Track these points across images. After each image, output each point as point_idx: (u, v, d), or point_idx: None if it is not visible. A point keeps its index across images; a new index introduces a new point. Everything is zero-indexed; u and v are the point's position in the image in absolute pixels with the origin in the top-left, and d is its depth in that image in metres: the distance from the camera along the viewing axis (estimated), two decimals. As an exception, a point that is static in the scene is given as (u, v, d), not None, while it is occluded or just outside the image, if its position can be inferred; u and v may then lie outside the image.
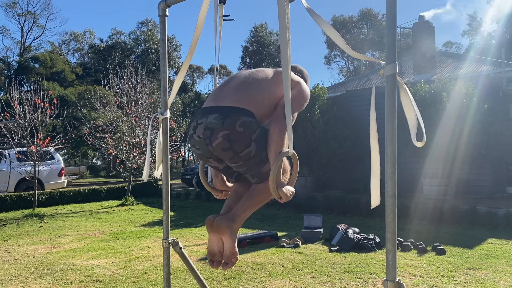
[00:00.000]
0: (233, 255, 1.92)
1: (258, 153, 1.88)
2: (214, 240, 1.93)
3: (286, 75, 1.83)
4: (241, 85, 1.98)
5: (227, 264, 1.94)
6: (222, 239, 1.95)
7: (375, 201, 1.68)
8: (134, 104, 12.59)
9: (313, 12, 1.79)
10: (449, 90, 9.97)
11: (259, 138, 1.87)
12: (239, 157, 1.87)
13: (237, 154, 1.86)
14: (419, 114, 1.64)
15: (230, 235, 1.92)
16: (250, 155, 1.87)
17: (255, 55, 42.16)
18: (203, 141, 1.89)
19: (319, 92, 12.60)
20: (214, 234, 1.93)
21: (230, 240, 1.93)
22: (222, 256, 1.94)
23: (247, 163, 1.89)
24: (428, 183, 10.44)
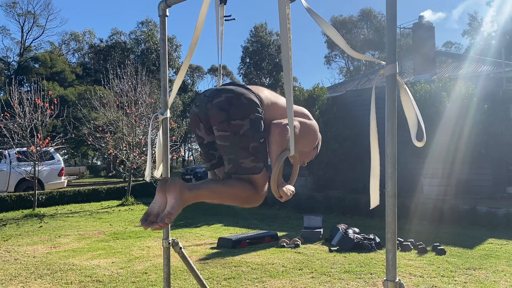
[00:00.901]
0: (167, 216, 1.70)
1: (248, 136, 1.80)
2: (158, 200, 1.74)
3: (287, 75, 1.83)
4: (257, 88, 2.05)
5: (154, 223, 1.69)
6: (166, 202, 1.75)
7: (374, 201, 1.68)
8: (134, 104, 12.59)
9: (313, 12, 1.79)
10: (449, 90, 9.97)
11: (256, 124, 1.83)
12: (229, 126, 1.79)
13: (229, 120, 1.80)
14: (419, 114, 1.64)
15: (176, 199, 1.72)
16: (240, 130, 1.80)
17: (255, 55, 42.15)
18: (206, 99, 1.88)
19: (319, 92, 12.60)
20: (161, 194, 1.74)
21: (175, 204, 1.72)
22: (156, 218, 1.72)
23: (233, 138, 1.80)
24: (428, 183, 10.44)
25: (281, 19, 1.81)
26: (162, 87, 2.58)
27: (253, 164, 1.82)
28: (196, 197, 1.78)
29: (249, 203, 1.89)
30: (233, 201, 1.85)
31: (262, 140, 1.86)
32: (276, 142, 1.86)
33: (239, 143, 1.81)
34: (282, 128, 1.87)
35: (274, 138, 1.87)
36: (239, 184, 1.81)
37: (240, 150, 1.81)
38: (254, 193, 1.84)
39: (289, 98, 1.83)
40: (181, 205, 1.74)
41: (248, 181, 1.82)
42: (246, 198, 1.84)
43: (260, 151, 1.85)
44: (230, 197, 1.84)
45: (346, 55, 42.06)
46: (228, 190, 1.82)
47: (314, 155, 2.22)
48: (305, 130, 2.00)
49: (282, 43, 1.83)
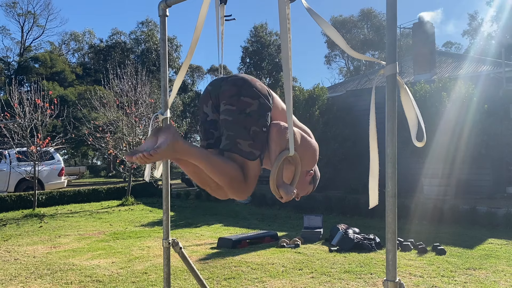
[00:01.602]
0: (154, 149, 1.62)
1: (252, 118, 1.81)
2: (149, 141, 1.68)
3: (286, 75, 1.84)
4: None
5: (137, 153, 1.61)
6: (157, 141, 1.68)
7: (373, 201, 1.68)
8: (134, 104, 12.59)
9: (313, 12, 1.79)
10: (449, 90, 9.98)
11: (263, 109, 1.86)
12: (238, 101, 1.82)
13: (240, 95, 1.83)
14: (419, 114, 1.64)
15: (167, 140, 1.64)
16: (247, 108, 1.82)
17: (255, 55, 42.13)
18: (221, 79, 1.95)
19: (319, 92, 12.60)
20: (153, 138, 1.68)
21: (164, 143, 1.63)
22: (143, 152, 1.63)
23: (238, 115, 1.81)
24: (428, 183, 10.44)
25: (281, 19, 1.81)
26: (162, 87, 2.58)
27: (249, 149, 1.80)
28: (187, 151, 1.70)
29: (233, 189, 1.80)
30: (220, 176, 1.75)
31: (264, 129, 1.85)
32: (275, 141, 1.86)
33: (242, 121, 1.81)
34: (280, 127, 1.88)
35: (272, 137, 1.87)
36: (231, 163, 1.78)
37: (241, 129, 1.80)
38: (242, 179, 1.79)
39: (288, 98, 1.83)
40: (171, 147, 1.64)
41: (240, 165, 1.79)
42: (233, 179, 1.76)
43: (260, 139, 1.84)
44: (218, 170, 1.74)
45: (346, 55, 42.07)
46: (219, 162, 1.75)
47: (310, 190, 2.15)
48: (304, 144, 1.97)
49: (282, 43, 1.83)
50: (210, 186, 1.89)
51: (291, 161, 1.94)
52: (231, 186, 1.79)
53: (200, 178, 1.88)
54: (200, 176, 1.87)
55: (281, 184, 1.89)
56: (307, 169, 2.10)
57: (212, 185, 1.89)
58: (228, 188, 1.80)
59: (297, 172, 1.96)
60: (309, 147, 2.01)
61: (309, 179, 2.11)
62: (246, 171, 1.81)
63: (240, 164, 1.80)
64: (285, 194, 1.87)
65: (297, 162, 1.94)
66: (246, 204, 11.40)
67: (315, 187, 2.18)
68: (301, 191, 2.11)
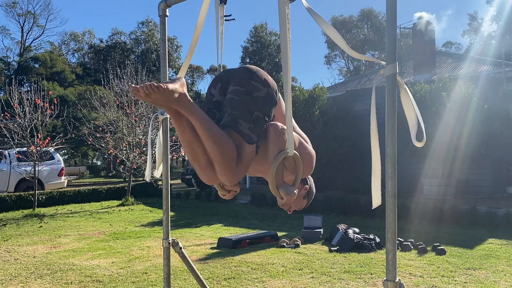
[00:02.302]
0: (163, 84, 1.61)
1: (258, 103, 1.83)
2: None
3: (286, 75, 1.84)
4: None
5: (143, 86, 1.60)
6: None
7: (376, 201, 1.68)
8: (134, 104, 12.59)
9: (313, 12, 1.79)
10: (449, 90, 9.98)
11: (270, 98, 1.88)
12: (248, 83, 1.84)
13: (251, 79, 1.86)
14: (419, 114, 1.64)
15: (174, 84, 1.65)
16: (255, 92, 1.84)
17: (255, 55, 42.15)
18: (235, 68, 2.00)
19: (319, 92, 12.60)
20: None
21: (171, 84, 1.64)
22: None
23: (245, 96, 1.82)
24: (428, 183, 10.44)
25: (281, 19, 1.81)
26: (162, 87, 2.57)
27: (248, 132, 1.80)
28: (190, 106, 1.69)
29: (224, 164, 1.74)
30: (215, 146, 1.71)
31: (266, 118, 1.86)
32: (273, 141, 1.86)
33: (248, 103, 1.82)
34: (278, 127, 1.88)
35: (271, 137, 1.87)
36: (229, 138, 1.75)
37: (245, 110, 1.81)
38: (234, 157, 1.75)
39: (288, 98, 1.83)
40: (174, 92, 1.64)
41: (237, 145, 1.78)
42: (226, 153, 1.73)
43: (260, 126, 1.84)
44: (214, 137, 1.71)
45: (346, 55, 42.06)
46: (217, 130, 1.72)
47: (303, 205, 2.11)
48: (301, 150, 1.97)
49: (281, 43, 1.83)
50: (200, 162, 1.82)
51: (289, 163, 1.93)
52: (222, 161, 1.74)
53: (191, 150, 1.82)
54: (193, 148, 1.81)
55: (282, 185, 1.88)
56: (306, 173, 2.08)
57: (202, 160, 1.81)
58: (218, 163, 1.74)
59: (298, 173, 1.95)
60: (306, 154, 2.00)
61: (303, 194, 2.06)
62: (241, 153, 1.78)
63: (237, 144, 1.78)
64: (285, 195, 1.85)
65: (298, 163, 1.93)
66: (246, 204, 11.40)
67: (309, 202, 2.14)
68: (294, 205, 2.07)
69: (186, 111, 1.70)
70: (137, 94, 1.61)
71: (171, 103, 1.67)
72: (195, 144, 1.79)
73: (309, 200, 2.12)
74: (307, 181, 2.11)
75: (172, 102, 1.67)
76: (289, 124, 1.83)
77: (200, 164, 1.84)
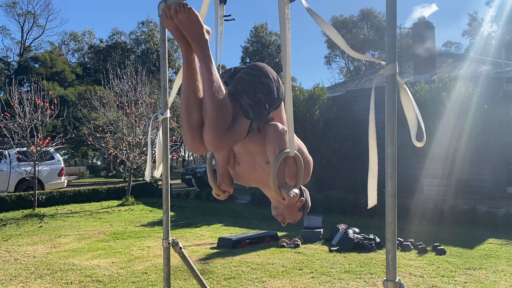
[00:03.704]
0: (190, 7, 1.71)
1: (263, 88, 1.85)
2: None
3: (286, 75, 1.84)
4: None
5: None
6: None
7: (372, 201, 1.67)
8: (134, 104, 12.59)
9: (313, 12, 1.79)
10: (449, 90, 9.98)
11: (274, 90, 1.89)
12: (260, 70, 1.89)
13: (263, 68, 1.90)
14: (419, 114, 1.64)
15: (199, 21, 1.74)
16: (262, 78, 1.87)
17: (255, 55, 42.17)
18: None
19: (319, 92, 12.60)
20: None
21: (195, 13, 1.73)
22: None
23: (253, 78, 1.86)
24: (428, 183, 10.44)
25: (281, 19, 1.81)
26: (162, 87, 2.58)
27: (247, 107, 1.78)
28: (206, 50, 1.75)
29: (213, 121, 1.70)
30: (213, 100, 1.69)
31: (267, 106, 1.86)
32: (273, 141, 1.85)
33: (254, 84, 1.83)
34: (278, 127, 1.87)
35: (271, 137, 1.86)
36: (229, 101, 1.73)
37: (250, 88, 1.82)
38: (226, 121, 1.72)
39: (288, 98, 1.83)
40: (201, 24, 1.75)
41: (234, 113, 1.75)
42: (221, 112, 1.69)
43: (260, 108, 1.83)
44: (216, 93, 1.70)
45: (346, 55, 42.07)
46: (221, 90, 1.72)
47: (298, 218, 2.09)
48: (300, 155, 1.96)
49: (282, 43, 1.83)
50: (191, 120, 1.77)
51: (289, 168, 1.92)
52: (215, 119, 1.69)
53: (188, 104, 1.78)
54: (190, 102, 1.77)
55: (283, 185, 1.85)
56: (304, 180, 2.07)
57: (194, 119, 1.77)
58: (210, 120, 1.70)
59: (300, 174, 1.94)
60: (304, 158, 2.00)
61: (299, 206, 2.04)
62: (234, 122, 1.75)
63: (233, 113, 1.75)
64: (287, 195, 1.82)
65: (299, 164, 1.92)
66: (246, 204, 11.40)
67: (304, 215, 2.12)
68: (289, 217, 2.05)
69: (201, 52, 1.74)
70: (166, 14, 1.69)
71: (194, 33, 1.72)
72: (195, 98, 1.77)
73: (304, 213, 2.10)
74: (303, 194, 2.09)
75: (195, 32, 1.72)
76: (290, 124, 1.83)
77: (190, 123, 1.78)
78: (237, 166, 2.07)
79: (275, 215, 2.06)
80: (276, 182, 1.82)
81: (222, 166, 2.11)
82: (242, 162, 2.05)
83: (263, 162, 1.95)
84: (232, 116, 1.74)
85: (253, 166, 2.00)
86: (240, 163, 2.06)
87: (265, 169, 1.95)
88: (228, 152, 2.06)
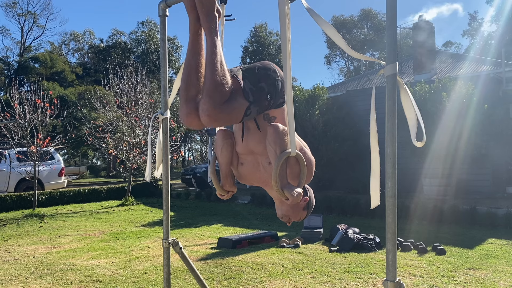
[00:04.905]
0: None
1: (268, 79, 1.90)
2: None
3: (286, 75, 1.84)
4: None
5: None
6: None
7: (374, 201, 1.68)
8: (134, 104, 12.59)
9: (313, 12, 1.79)
10: (449, 90, 9.97)
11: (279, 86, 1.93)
12: (268, 66, 1.96)
13: (271, 65, 1.97)
14: (419, 114, 1.64)
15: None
16: (270, 71, 1.93)
17: (255, 55, 42.14)
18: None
19: (319, 92, 12.60)
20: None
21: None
22: None
23: (260, 69, 1.93)
24: (428, 183, 10.44)
25: (281, 19, 1.81)
26: (162, 87, 2.58)
27: (249, 91, 1.81)
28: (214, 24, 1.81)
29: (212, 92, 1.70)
30: (214, 72, 1.71)
31: (268, 97, 1.88)
32: (274, 141, 1.84)
33: (260, 74, 1.90)
34: (279, 127, 1.86)
35: (272, 137, 1.85)
36: (230, 79, 1.76)
37: (255, 77, 1.88)
38: (224, 94, 1.71)
39: (289, 98, 1.83)
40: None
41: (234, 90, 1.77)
42: (219, 85, 1.70)
43: (261, 96, 1.85)
44: (219, 66, 1.73)
45: (346, 55, 42.06)
46: (223, 65, 1.75)
47: (302, 217, 2.09)
48: (302, 155, 1.96)
49: (282, 43, 1.83)
50: (189, 92, 1.79)
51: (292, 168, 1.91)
52: (213, 90, 1.70)
53: (189, 76, 1.80)
54: (190, 73, 1.80)
55: (286, 185, 1.85)
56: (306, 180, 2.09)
57: (192, 92, 1.78)
58: (208, 90, 1.70)
59: (303, 173, 1.94)
60: (307, 159, 1.99)
61: (303, 205, 2.04)
62: (232, 98, 1.75)
63: (234, 90, 1.76)
64: (290, 195, 1.82)
65: (302, 163, 1.92)
66: (246, 204, 11.40)
67: (309, 213, 2.12)
68: (293, 216, 2.05)
69: (209, 26, 1.78)
70: None
71: (206, 5, 1.77)
72: (196, 71, 1.79)
73: (308, 212, 2.10)
74: (307, 192, 2.09)
75: (207, 4, 1.77)
76: (291, 124, 1.83)
77: (187, 95, 1.79)
78: (241, 166, 2.07)
79: (280, 216, 2.05)
80: (278, 182, 1.82)
81: (225, 166, 2.11)
82: (245, 163, 2.05)
83: (266, 163, 1.95)
84: (232, 95, 1.75)
85: (256, 166, 2.01)
86: (243, 163, 2.06)
87: (268, 170, 1.95)
88: (231, 152, 2.06)
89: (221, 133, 2.08)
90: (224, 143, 2.05)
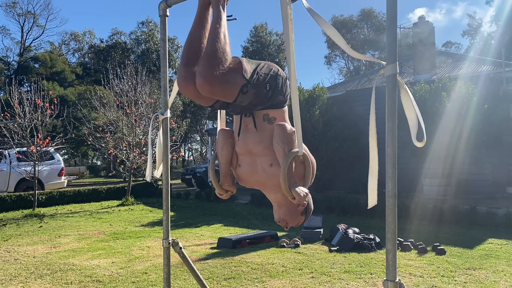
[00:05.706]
0: None
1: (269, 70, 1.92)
2: None
3: (291, 74, 1.84)
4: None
5: None
6: None
7: (372, 201, 1.68)
8: (134, 104, 12.59)
9: (314, 12, 1.79)
10: (449, 90, 9.97)
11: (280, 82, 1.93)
12: (271, 64, 1.97)
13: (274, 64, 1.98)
14: (419, 114, 1.64)
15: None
16: (272, 67, 1.94)
17: (255, 55, 42.11)
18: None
19: (319, 92, 12.60)
20: None
21: None
22: None
23: (263, 63, 1.95)
24: (428, 183, 10.44)
25: (284, 19, 1.82)
26: (162, 87, 2.58)
27: (247, 70, 1.81)
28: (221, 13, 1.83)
29: (210, 60, 1.70)
30: (216, 40, 1.74)
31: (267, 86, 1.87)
32: (282, 140, 1.84)
33: (262, 67, 1.91)
34: (286, 127, 1.87)
35: (280, 137, 1.86)
36: (229, 51, 1.77)
37: (257, 66, 1.90)
38: (223, 62, 1.72)
39: (294, 98, 1.84)
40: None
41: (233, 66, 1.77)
42: (219, 52, 1.72)
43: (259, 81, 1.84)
44: (222, 36, 1.76)
45: (346, 55, 42.06)
46: (226, 37, 1.78)
47: (300, 222, 2.08)
48: (305, 158, 1.97)
49: (285, 43, 1.84)
50: (188, 58, 1.83)
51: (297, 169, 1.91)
52: (212, 56, 1.71)
53: (191, 44, 1.86)
54: (192, 42, 1.86)
55: (293, 184, 1.85)
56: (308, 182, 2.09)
57: (191, 58, 1.83)
58: (208, 56, 1.71)
59: (308, 174, 1.94)
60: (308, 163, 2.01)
61: (301, 210, 2.03)
62: (230, 72, 1.75)
63: (233, 67, 1.77)
64: (298, 194, 1.83)
65: (307, 163, 1.92)
66: (246, 204, 11.40)
67: (307, 219, 2.11)
68: (291, 221, 2.04)
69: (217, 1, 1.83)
70: None
71: None
72: (199, 42, 1.86)
73: (306, 217, 2.09)
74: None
75: None
76: (297, 123, 1.83)
77: (187, 59, 1.84)
78: (239, 168, 2.06)
79: (277, 220, 2.04)
80: (287, 181, 1.82)
81: (224, 165, 2.11)
82: (243, 164, 2.04)
83: (266, 165, 1.94)
84: (231, 70, 1.76)
85: (255, 168, 2.00)
86: (241, 165, 2.05)
87: (268, 172, 1.94)
88: (231, 152, 2.06)
89: (223, 132, 2.08)
90: (225, 142, 2.05)
